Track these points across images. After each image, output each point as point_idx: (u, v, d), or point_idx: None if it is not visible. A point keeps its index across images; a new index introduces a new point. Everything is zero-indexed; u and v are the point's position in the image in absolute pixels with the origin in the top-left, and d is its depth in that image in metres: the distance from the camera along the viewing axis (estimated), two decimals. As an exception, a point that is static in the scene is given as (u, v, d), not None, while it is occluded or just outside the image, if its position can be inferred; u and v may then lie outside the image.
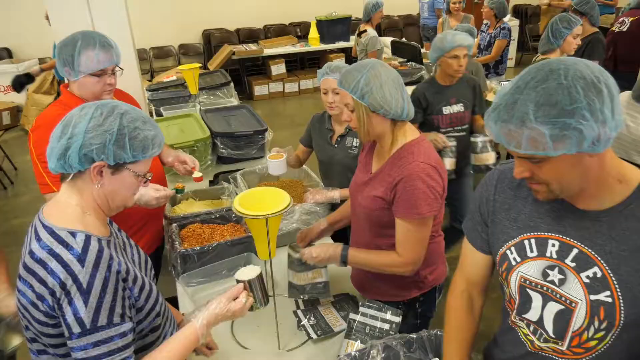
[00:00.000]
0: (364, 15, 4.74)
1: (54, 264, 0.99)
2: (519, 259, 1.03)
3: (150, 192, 1.70)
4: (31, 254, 1.02)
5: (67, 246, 1.01)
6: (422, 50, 5.63)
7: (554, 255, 0.98)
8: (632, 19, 4.33)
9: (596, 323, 0.94)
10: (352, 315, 1.48)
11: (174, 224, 1.99)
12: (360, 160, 1.70)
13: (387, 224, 1.50)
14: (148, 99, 3.61)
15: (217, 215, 2.06)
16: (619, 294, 0.91)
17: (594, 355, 0.97)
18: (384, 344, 1.26)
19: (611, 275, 0.91)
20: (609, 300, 0.92)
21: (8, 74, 5.46)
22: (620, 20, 4.42)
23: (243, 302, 1.23)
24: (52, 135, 1.08)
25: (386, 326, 1.45)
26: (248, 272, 1.30)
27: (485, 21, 4.89)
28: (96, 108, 1.06)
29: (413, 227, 1.45)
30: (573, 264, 0.95)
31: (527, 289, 1.03)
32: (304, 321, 1.61)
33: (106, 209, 1.14)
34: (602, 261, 0.92)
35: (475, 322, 1.24)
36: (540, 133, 0.82)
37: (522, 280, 1.03)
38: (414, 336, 1.29)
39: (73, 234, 1.04)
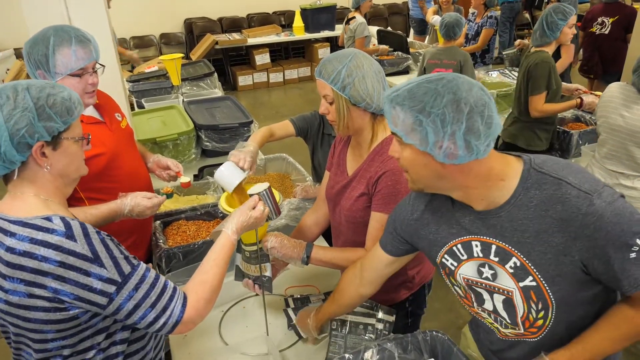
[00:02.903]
0: (352, 3, 4.69)
1: (42, 251, 0.97)
2: (455, 264, 1.12)
3: (142, 202, 1.52)
4: (10, 250, 0.98)
5: (48, 230, 0.99)
6: (409, 40, 5.58)
7: (480, 255, 1.07)
8: (611, 19, 4.35)
9: (533, 305, 1.04)
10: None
11: (158, 221, 1.92)
12: (331, 164, 1.62)
13: None
14: (129, 91, 3.50)
15: (203, 212, 2.00)
16: (539, 276, 1.00)
17: (546, 331, 1.07)
18: (379, 345, 1.22)
19: (527, 261, 1.00)
20: (534, 284, 1.01)
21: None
22: (600, 21, 4.41)
23: (262, 209, 1.30)
24: None
25: (380, 325, 1.41)
26: (259, 187, 1.34)
27: (471, 10, 4.85)
28: None
29: None
30: (496, 259, 1.05)
31: (474, 287, 1.12)
32: (295, 321, 1.56)
33: (64, 187, 1.12)
34: (515, 251, 1.01)
35: (347, 296, 1.37)
36: (398, 116, 0.96)
37: (466, 280, 1.12)
38: (409, 337, 1.25)
39: (47, 218, 1.01)
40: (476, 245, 1.07)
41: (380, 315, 1.44)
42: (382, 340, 1.25)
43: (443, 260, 1.14)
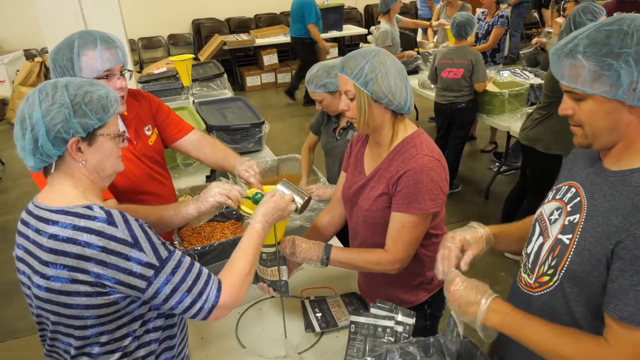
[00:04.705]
0: (381, 6, 4.40)
1: (86, 237, 1.00)
2: (550, 198, 1.14)
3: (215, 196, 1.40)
4: (54, 237, 1.01)
5: (90, 217, 1.02)
6: (418, 40, 5.56)
7: (566, 200, 1.07)
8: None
9: (549, 259, 1.05)
10: (353, 318, 1.42)
11: (172, 223, 1.91)
12: (347, 164, 1.61)
13: None
14: (139, 91, 3.50)
15: (217, 213, 1.98)
16: (576, 241, 0.99)
17: (544, 291, 1.07)
18: (401, 348, 1.21)
19: (582, 224, 0.99)
20: (567, 242, 1.01)
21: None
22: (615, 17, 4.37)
23: (281, 194, 1.34)
24: (15, 137, 1.08)
25: (400, 328, 1.39)
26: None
27: (481, 10, 4.81)
28: (39, 91, 1.05)
29: (409, 223, 1.38)
30: (570, 209, 1.04)
31: (537, 222, 1.15)
32: (310, 314, 1.55)
33: (100, 182, 1.15)
34: (585, 211, 1.00)
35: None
36: (582, 66, 0.90)
37: (539, 214, 1.15)
38: (431, 340, 1.24)
39: (88, 207, 1.04)
40: (571, 192, 1.07)
41: (399, 317, 1.42)
42: (405, 343, 1.24)
43: (550, 192, 1.16)
